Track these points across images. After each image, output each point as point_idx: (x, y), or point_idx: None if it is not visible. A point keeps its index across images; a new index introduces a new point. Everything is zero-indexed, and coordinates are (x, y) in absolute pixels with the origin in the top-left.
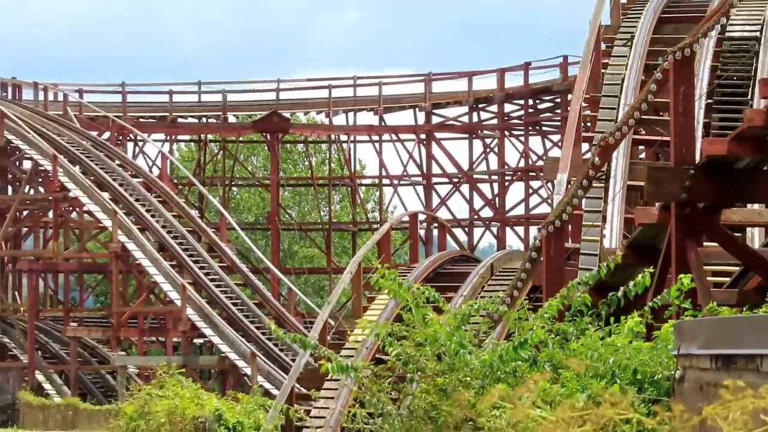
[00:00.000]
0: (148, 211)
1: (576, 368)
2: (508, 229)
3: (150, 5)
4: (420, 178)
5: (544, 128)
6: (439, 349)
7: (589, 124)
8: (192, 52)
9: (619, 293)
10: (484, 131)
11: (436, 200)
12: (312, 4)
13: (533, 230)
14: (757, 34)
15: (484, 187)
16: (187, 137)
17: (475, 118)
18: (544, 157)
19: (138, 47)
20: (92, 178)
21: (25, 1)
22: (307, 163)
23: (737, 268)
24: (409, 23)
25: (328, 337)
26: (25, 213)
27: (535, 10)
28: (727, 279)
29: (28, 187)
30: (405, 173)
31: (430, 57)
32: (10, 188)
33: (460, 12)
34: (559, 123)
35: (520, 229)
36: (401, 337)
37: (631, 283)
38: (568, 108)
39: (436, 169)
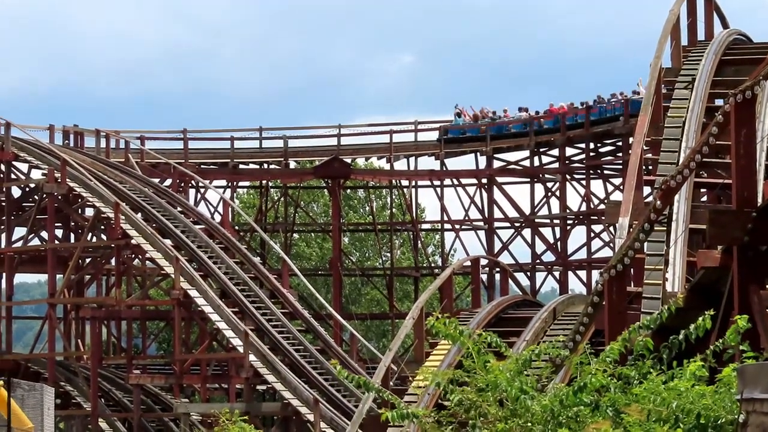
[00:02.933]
0: (210, 257)
1: (636, 415)
2: (570, 273)
3: (209, 52)
4: (481, 223)
5: (605, 172)
6: (500, 395)
7: (650, 167)
8: (252, 98)
9: (681, 337)
10: (546, 175)
11: (498, 244)
12: (368, 50)
13: (595, 274)
14: None
15: (546, 231)
16: (248, 183)
17: (536, 162)
18: (605, 201)
19: (198, 94)
20: (154, 225)
21: (86, 50)
22: (368, 208)
23: None
24: (465, 66)
25: (391, 383)
26: (87, 260)
27: (595, 53)
28: None
29: (90, 234)
30: (466, 218)
31: (487, 100)
32: (72, 236)
33: (518, 55)
34: (620, 166)
35: (583, 273)
36: (463, 383)
37: (692, 327)
38: (630, 151)
39: (497, 214)
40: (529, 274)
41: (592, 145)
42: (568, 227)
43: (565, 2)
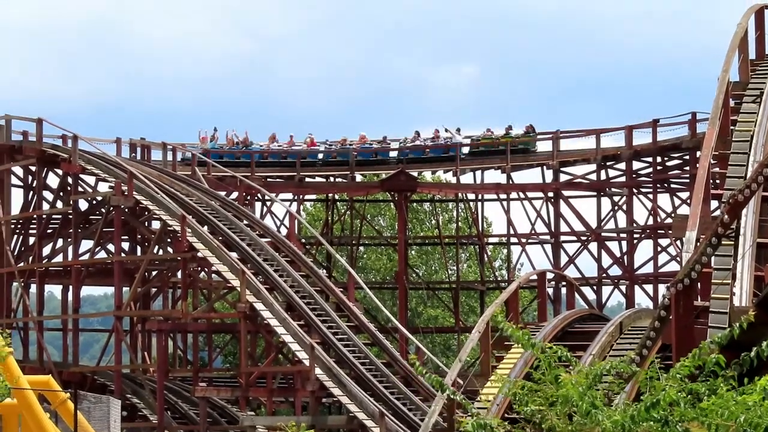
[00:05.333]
0: (276, 270)
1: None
2: (636, 287)
3: (272, 64)
4: (548, 236)
5: (672, 185)
6: (570, 409)
7: (718, 181)
8: (316, 109)
9: (752, 353)
10: (612, 189)
11: (564, 258)
12: (430, 61)
13: (662, 288)
14: None
15: (613, 245)
16: (314, 196)
17: (603, 176)
18: (672, 215)
19: (261, 106)
20: (220, 238)
21: (151, 63)
22: (434, 221)
23: None
24: (527, 78)
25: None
26: (153, 273)
27: (662, 66)
28: None
29: (156, 247)
30: (533, 231)
31: (552, 113)
32: (138, 248)
33: (583, 67)
34: (687, 180)
35: (649, 288)
36: (532, 390)
37: (765, 344)
38: (697, 165)
39: (564, 227)
40: (595, 288)
41: (659, 159)
42: (635, 241)
43: (627, 14)
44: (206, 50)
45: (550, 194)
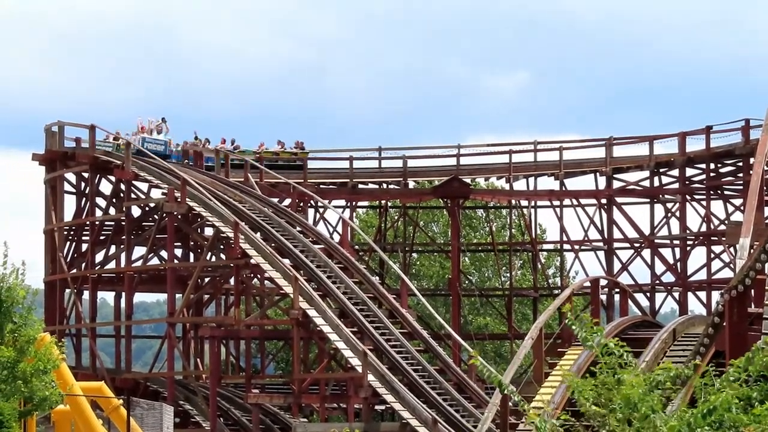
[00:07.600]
0: (329, 277)
1: None
2: (690, 294)
3: (322, 70)
4: (601, 243)
5: (726, 192)
6: (629, 415)
7: None
8: (367, 114)
9: None
10: (666, 195)
11: (617, 265)
12: (481, 66)
13: (715, 295)
14: None
15: (666, 252)
16: (367, 203)
17: (656, 183)
18: (726, 222)
19: (313, 111)
20: (273, 244)
21: (200, 69)
22: (487, 228)
23: None
24: (580, 85)
25: (510, 403)
26: (206, 280)
27: (715, 72)
28: None
29: (209, 253)
30: (586, 238)
31: (605, 120)
32: (191, 255)
33: (636, 74)
34: (741, 187)
35: (702, 294)
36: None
37: None
38: (751, 172)
39: (617, 234)
40: (648, 294)
41: (712, 166)
42: (688, 248)
43: (681, 22)
44: (257, 56)
45: (603, 201)
